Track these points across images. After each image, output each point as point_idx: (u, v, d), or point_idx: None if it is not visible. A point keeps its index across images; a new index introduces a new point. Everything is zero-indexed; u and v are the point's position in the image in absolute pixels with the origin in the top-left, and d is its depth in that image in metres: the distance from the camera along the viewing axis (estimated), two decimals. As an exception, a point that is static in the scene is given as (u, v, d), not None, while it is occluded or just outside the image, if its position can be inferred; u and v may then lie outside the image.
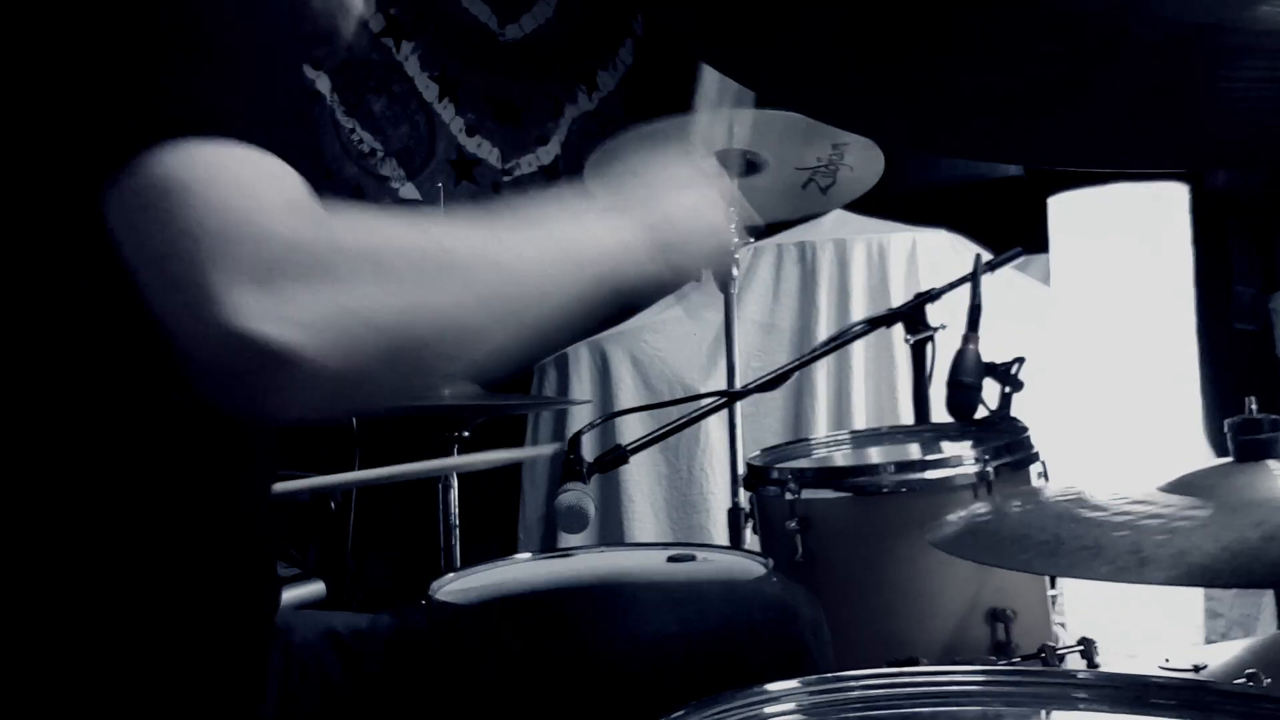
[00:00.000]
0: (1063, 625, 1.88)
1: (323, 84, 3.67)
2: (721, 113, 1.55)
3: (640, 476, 2.96)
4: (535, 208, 0.90)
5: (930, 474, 1.54)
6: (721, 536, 2.58)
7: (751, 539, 1.81)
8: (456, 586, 1.42)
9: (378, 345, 0.74)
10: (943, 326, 1.87)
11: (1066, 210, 2.59)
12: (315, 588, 2.26)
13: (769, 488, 1.62)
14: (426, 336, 0.78)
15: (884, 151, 2.47)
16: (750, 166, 2.45)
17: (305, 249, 0.73)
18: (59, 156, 0.76)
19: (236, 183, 0.72)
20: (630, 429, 2.36)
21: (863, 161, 2.49)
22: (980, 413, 1.72)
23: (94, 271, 0.78)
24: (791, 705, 0.83)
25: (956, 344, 1.75)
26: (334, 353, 0.71)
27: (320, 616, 1.29)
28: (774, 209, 2.56)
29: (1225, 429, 1.02)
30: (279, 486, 1.47)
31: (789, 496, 1.56)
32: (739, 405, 2.42)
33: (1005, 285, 2.62)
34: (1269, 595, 2.64)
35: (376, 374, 0.76)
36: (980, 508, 1.10)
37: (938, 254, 2.87)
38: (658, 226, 0.99)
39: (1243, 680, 1.11)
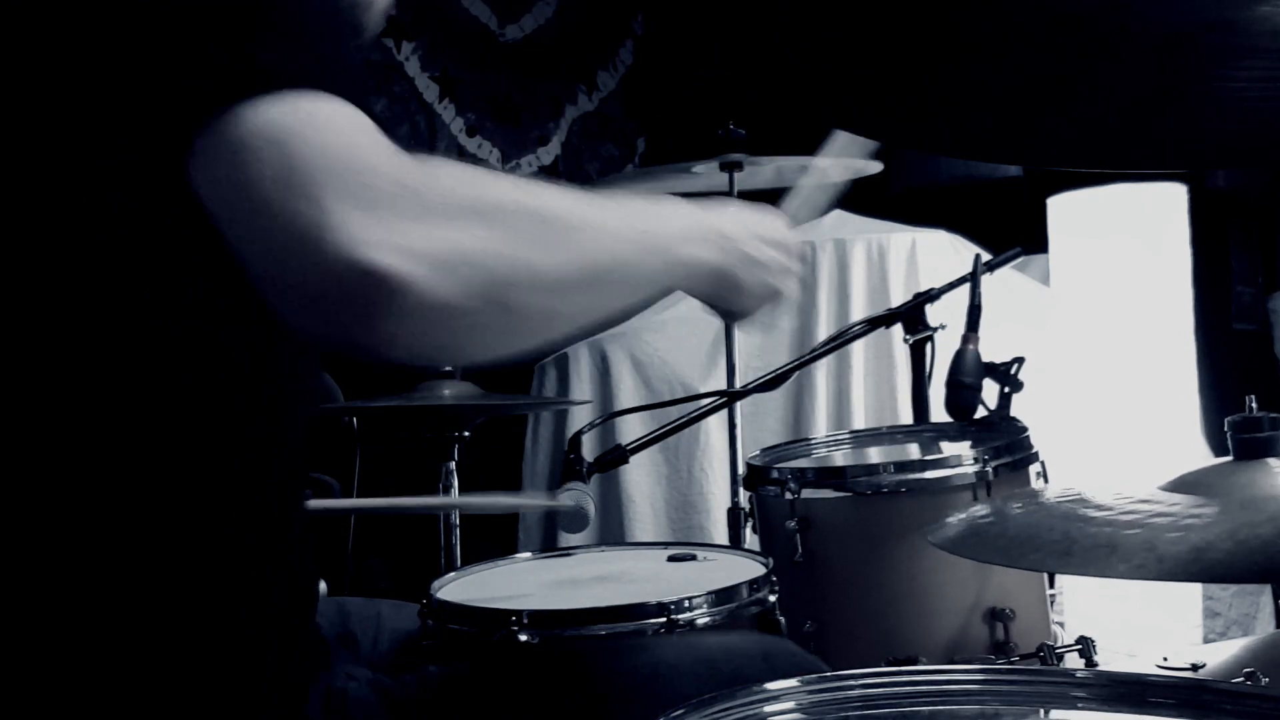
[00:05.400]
0: (1061, 624, 1.88)
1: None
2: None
3: (640, 476, 2.96)
4: (615, 193, 0.93)
5: (930, 474, 1.54)
6: (721, 536, 2.58)
7: (751, 539, 1.81)
8: (457, 586, 1.42)
9: (482, 283, 0.77)
10: (942, 326, 1.87)
11: (1066, 211, 2.59)
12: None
13: (769, 487, 1.62)
14: (526, 284, 0.81)
15: (879, 157, 2.47)
16: (747, 164, 2.46)
17: (412, 186, 0.75)
18: (126, 130, 0.77)
19: (335, 127, 0.75)
20: (630, 429, 2.36)
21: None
22: (980, 413, 1.73)
23: (147, 259, 0.80)
24: (791, 704, 0.83)
25: (956, 344, 1.76)
26: (441, 285, 0.74)
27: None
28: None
29: (1225, 428, 1.02)
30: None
31: (789, 496, 1.56)
32: (739, 405, 2.42)
33: (1004, 286, 2.63)
34: (1267, 595, 2.64)
35: (478, 314, 0.78)
36: (981, 509, 1.10)
37: (937, 254, 2.87)
38: (726, 223, 1.04)
39: (1241, 679, 1.11)
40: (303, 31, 0.80)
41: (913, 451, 1.80)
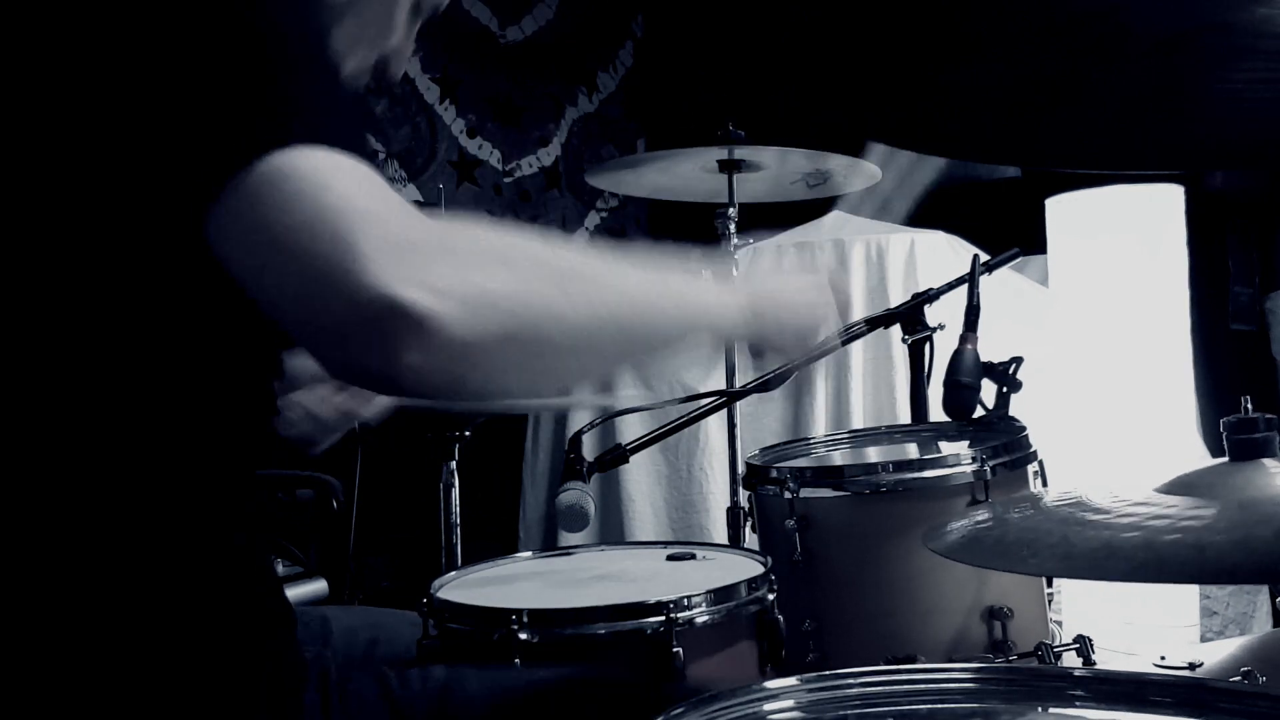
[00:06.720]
0: (1059, 623, 1.88)
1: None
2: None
3: (640, 476, 2.97)
4: (655, 257, 0.96)
5: (928, 473, 1.55)
6: (721, 535, 2.58)
7: (751, 538, 1.82)
8: (457, 585, 1.43)
9: (502, 325, 0.79)
10: (941, 327, 1.87)
11: (1064, 211, 2.59)
12: (318, 586, 2.27)
13: (768, 487, 1.62)
14: (545, 330, 0.83)
15: (879, 166, 2.49)
16: (746, 165, 2.46)
17: (435, 231, 0.79)
18: (150, 186, 0.80)
19: (353, 176, 0.77)
20: (630, 429, 2.37)
21: (854, 173, 2.51)
22: (978, 412, 1.73)
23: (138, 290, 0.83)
24: (790, 702, 0.84)
25: (954, 344, 1.76)
26: (464, 322, 0.76)
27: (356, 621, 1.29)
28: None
29: (1221, 428, 1.02)
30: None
31: (788, 496, 1.57)
32: (738, 405, 2.42)
33: (1003, 286, 2.63)
34: (1264, 594, 2.65)
35: (498, 353, 0.80)
36: (979, 515, 1.10)
37: (936, 255, 2.88)
38: (759, 299, 1.07)
39: (1238, 678, 1.11)
40: (303, 91, 0.82)
41: (911, 451, 1.80)
